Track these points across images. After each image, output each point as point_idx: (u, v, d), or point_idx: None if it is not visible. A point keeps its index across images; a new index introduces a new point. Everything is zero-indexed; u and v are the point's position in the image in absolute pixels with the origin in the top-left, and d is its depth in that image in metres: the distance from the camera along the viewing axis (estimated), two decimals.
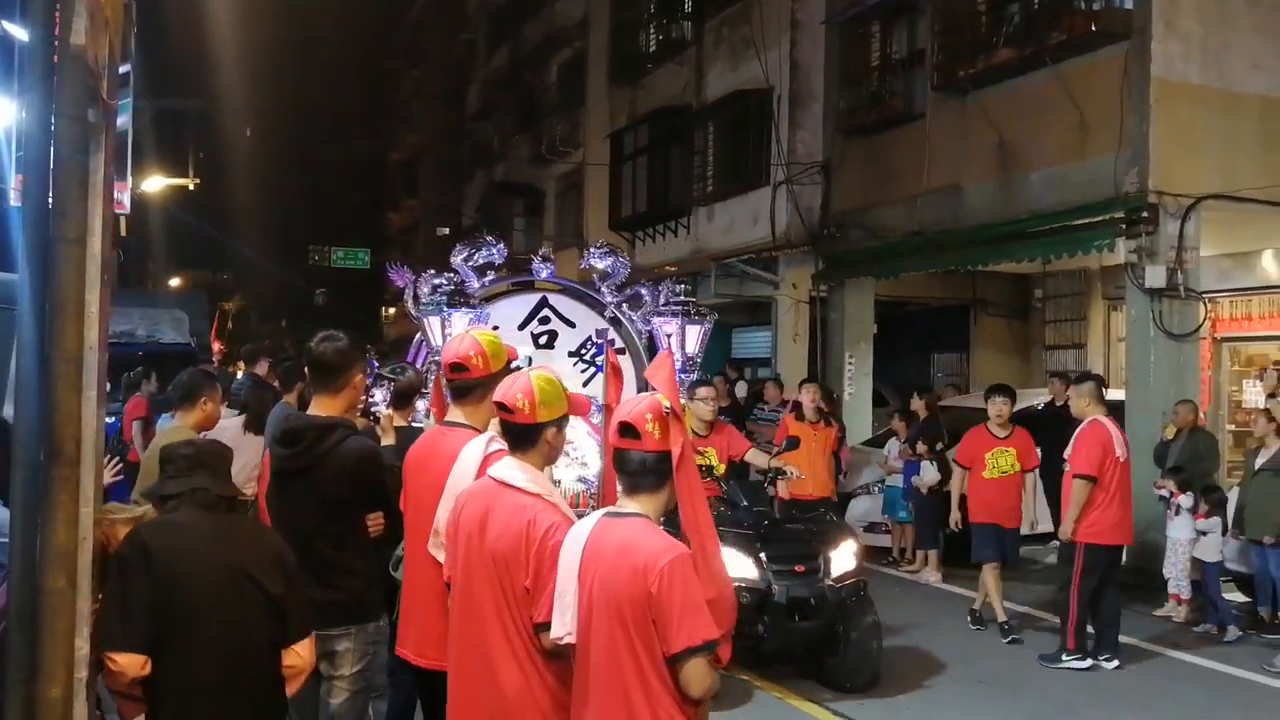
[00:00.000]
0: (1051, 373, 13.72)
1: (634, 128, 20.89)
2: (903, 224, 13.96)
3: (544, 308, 8.22)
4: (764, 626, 6.63)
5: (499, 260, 7.93)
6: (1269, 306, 13.30)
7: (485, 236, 8.17)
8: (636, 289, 8.31)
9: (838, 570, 6.87)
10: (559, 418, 3.42)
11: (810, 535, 7.15)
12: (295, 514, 4.07)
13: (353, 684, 4.11)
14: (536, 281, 8.27)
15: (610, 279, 8.16)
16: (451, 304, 7.34)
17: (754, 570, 6.66)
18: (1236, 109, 11.08)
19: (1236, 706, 7.02)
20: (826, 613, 6.76)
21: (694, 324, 7.98)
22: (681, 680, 2.88)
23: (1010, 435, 8.78)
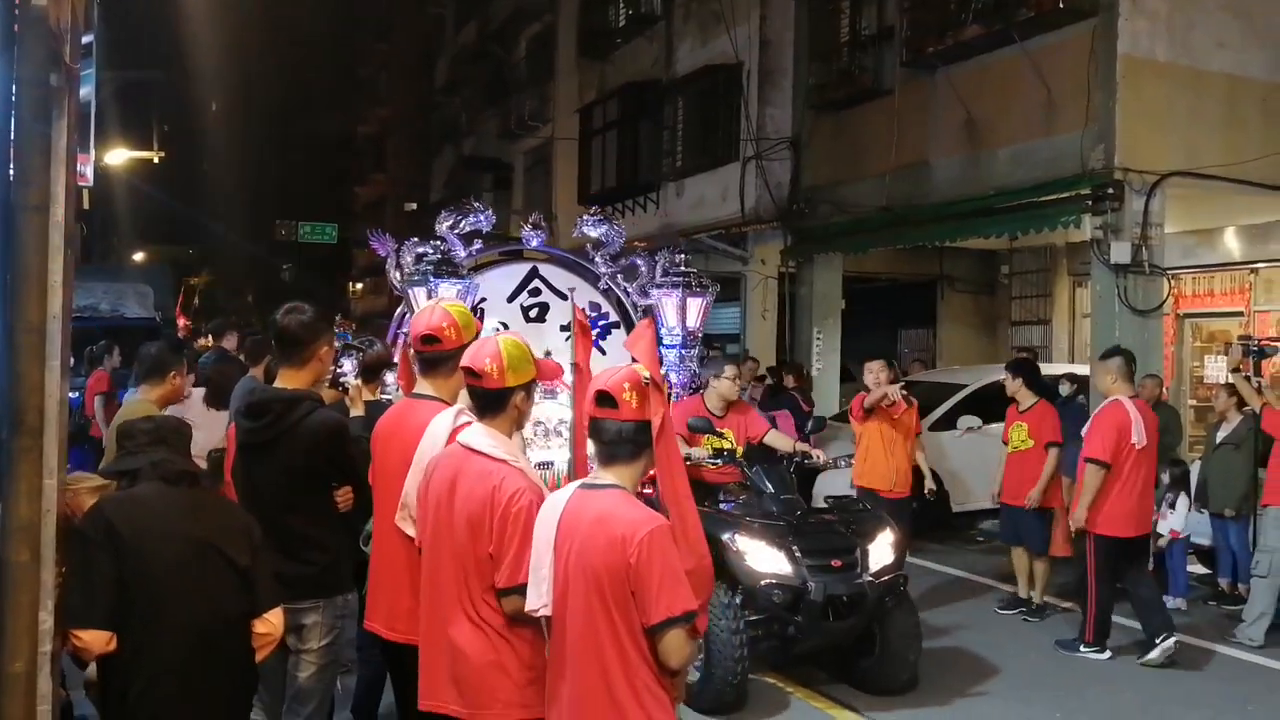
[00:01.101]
0: (1019, 348, 13.83)
1: (603, 102, 20.79)
2: (871, 200, 13.99)
3: (534, 278, 7.81)
4: (797, 626, 6.14)
5: (486, 227, 7.56)
6: (1230, 283, 13.51)
7: (472, 202, 7.76)
8: (632, 259, 7.94)
9: (876, 564, 6.29)
10: (527, 383, 3.42)
11: (846, 526, 6.53)
12: (262, 487, 4.04)
13: (321, 658, 4.09)
14: (525, 250, 7.90)
15: (604, 248, 7.79)
16: (438, 273, 6.98)
17: (787, 565, 6.11)
18: (1202, 87, 11.15)
19: (1203, 677, 7.11)
20: (865, 611, 6.19)
21: (696, 296, 7.60)
22: (660, 651, 2.89)
23: (1029, 409, 8.52)
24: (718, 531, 6.08)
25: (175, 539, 3.36)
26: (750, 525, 6.26)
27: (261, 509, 3.91)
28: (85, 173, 16.78)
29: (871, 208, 13.98)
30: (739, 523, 6.31)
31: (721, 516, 6.41)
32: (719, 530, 6.11)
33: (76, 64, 2.90)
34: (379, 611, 3.92)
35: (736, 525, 6.28)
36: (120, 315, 15.89)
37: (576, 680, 2.97)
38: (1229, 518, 8.65)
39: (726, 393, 7.34)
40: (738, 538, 6.16)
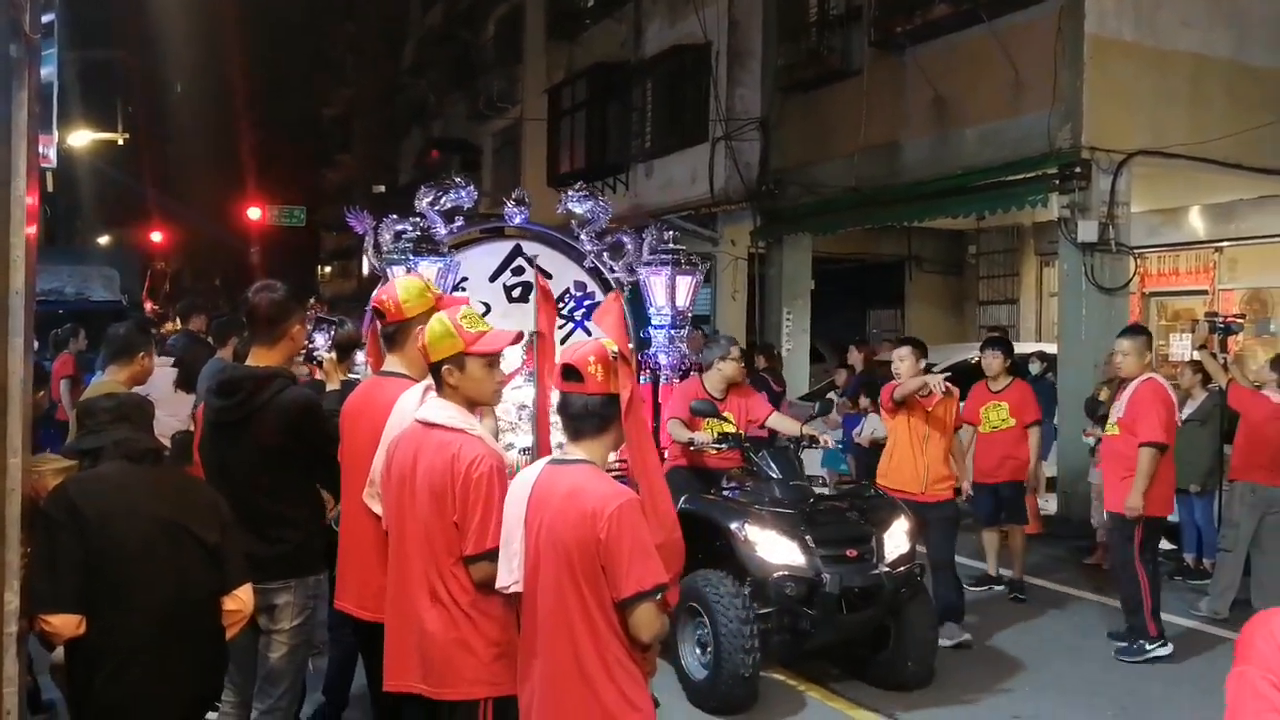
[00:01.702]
0: (990, 328, 13.91)
1: (572, 83, 20.71)
2: (840, 180, 14.03)
3: (517, 256, 7.51)
4: (811, 620, 5.81)
5: (468, 203, 7.25)
6: (1195, 262, 13.65)
7: (453, 176, 7.46)
8: (618, 236, 7.66)
9: (892, 553, 5.97)
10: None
11: (859, 513, 6.19)
12: (234, 466, 4.00)
13: (292, 638, 4.07)
14: (507, 228, 7.62)
15: (589, 225, 7.50)
16: (418, 251, 6.73)
17: (800, 556, 5.78)
18: (1168, 66, 11.24)
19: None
20: (882, 603, 5.89)
21: (685, 274, 7.33)
22: (631, 625, 2.89)
23: (1005, 389, 8.25)
24: (725, 520, 5.95)
25: (141, 517, 3.32)
26: (760, 514, 5.94)
27: (233, 488, 3.88)
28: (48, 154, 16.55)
29: (840, 188, 14.02)
30: (748, 511, 5.98)
31: (729, 505, 6.14)
32: (726, 519, 5.96)
33: (37, 35, 2.86)
34: (349, 591, 3.90)
35: (745, 514, 5.95)
36: (85, 299, 15.73)
37: (548, 655, 2.97)
38: (1194, 493, 8.75)
39: (732, 374, 6.89)
40: (747, 527, 5.86)
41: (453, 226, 7.19)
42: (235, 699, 4.13)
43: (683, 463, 6.74)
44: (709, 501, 6.24)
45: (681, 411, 6.62)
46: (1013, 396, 8.19)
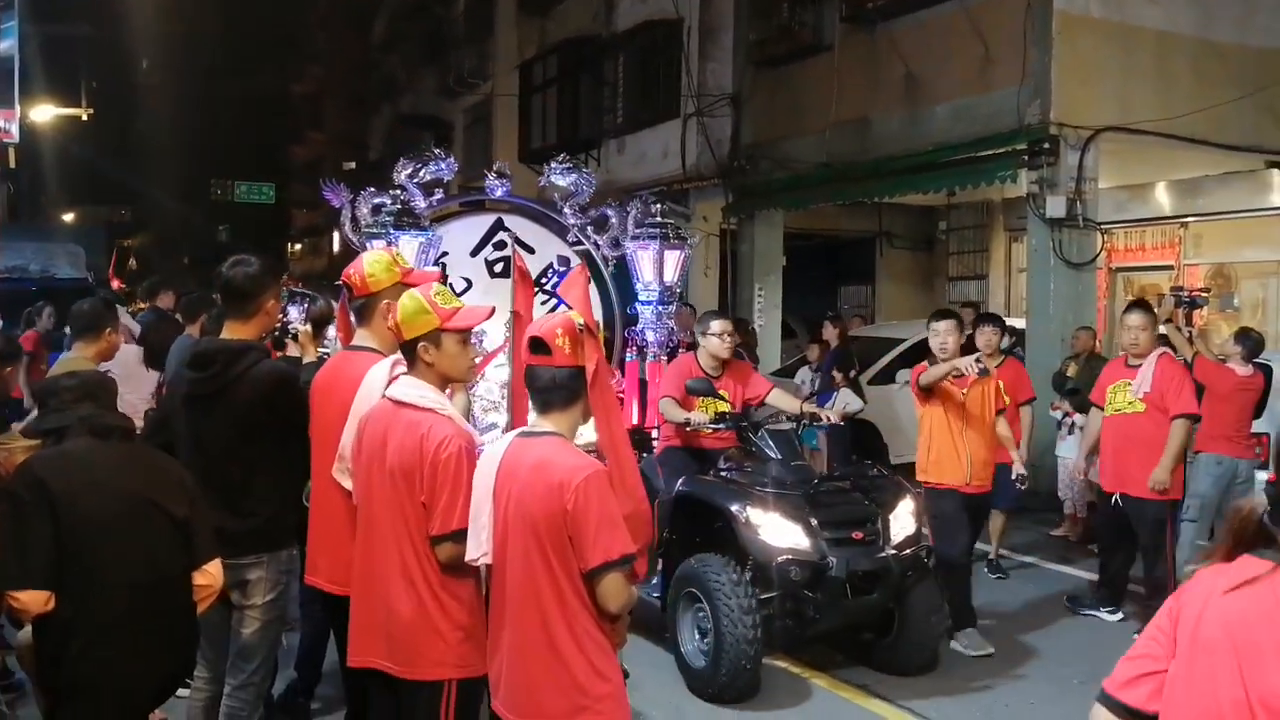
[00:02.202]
0: (965, 303, 13.99)
1: (543, 59, 20.60)
2: (812, 156, 14.05)
3: (499, 230, 7.23)
4: (816, 605, 5.57)
5: (449, 176, 7.01)
6: (1161, 237, 13.78)
7: (433, 148, 7.20)
8: (603, 210, 7.43)
9: (898, 535, 5.77)
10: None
11: (863, 494, 5.95)
12: (207, 440, 3.98)
13: (266, 613, 4.06)
14: (487, 201, 7.36)
15: (574, 198, 7.28)
16: (398, 225, 6.48)
17: (805, 539, 5.55)
18: (1134, 43, 11.31)
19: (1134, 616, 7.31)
20: (888, 587, 5.67)
21: (673, 249, 7.08)
22: (599, 595, 2.90)
23: (999, 367, 7.69)
24: (726, 503, 5.73)
25: (110, 493, 3.31)
26: (762, 496, 5.68)
27: (206, 461, 3.88)
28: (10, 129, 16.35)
29: (812, 164, 14.04)
30: (749, 493, 5.72)
31: (729, 486, 5.87)
32: (727, 501, 5.73)
33: None
34: (321, 565, 3.90)
35: (747, 496, 5.69)
36: (51, 276, 15.55)
37: (517, 627, 2.99)
38: None
39: (717, 351, 6.45)
40: (749, 510, 5.61)
41: (432, 200, 6.96)
42: (207, 675, 4.13)
43: (676, 443, 6.50)
44: (707, 483, 6.02)
45: (675, 390, 6.33)
46: (1006, 375, 7.63)
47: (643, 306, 7.25)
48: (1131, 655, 1.96)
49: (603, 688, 2.95)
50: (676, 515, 6.06)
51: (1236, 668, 1.76)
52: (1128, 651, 1.98)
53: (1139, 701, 1.89)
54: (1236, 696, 1.75)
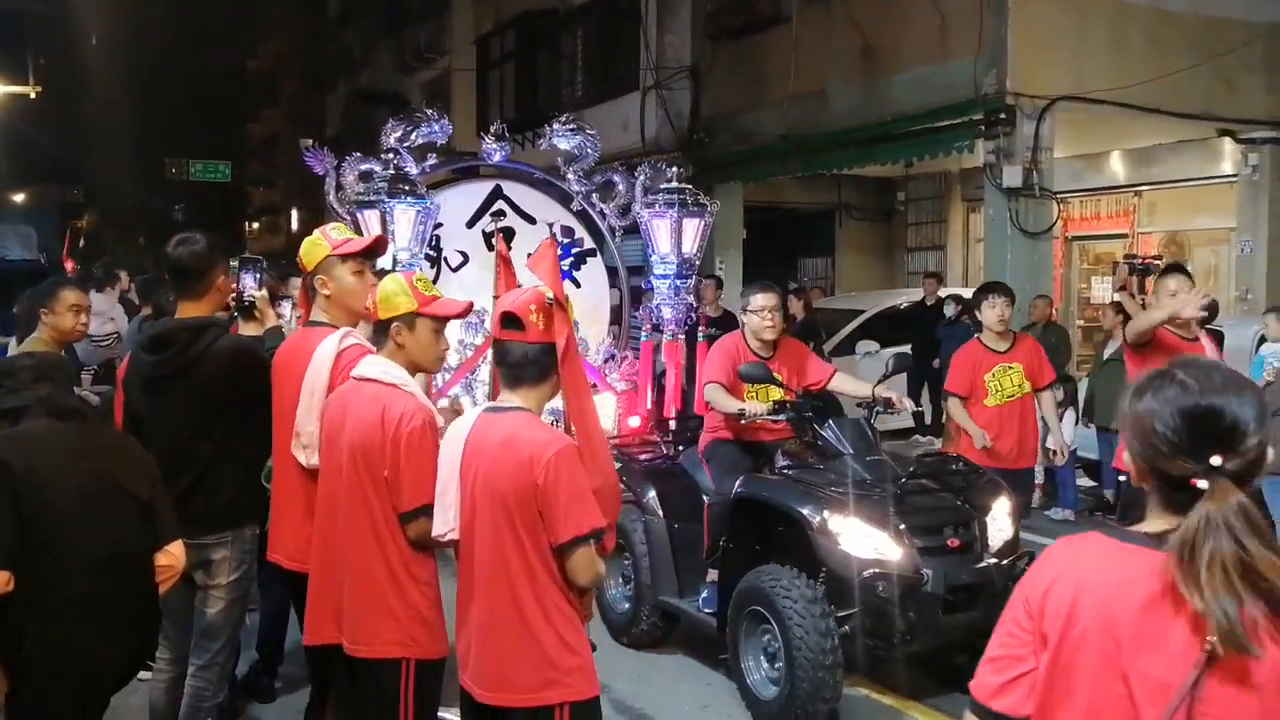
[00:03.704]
0: (926, 274, 14.07)
1: (500, 33, 20.44)
2: (771, 128, 14.05)
3: (497, 199, 6.90)
4: (908, 624, 4.76)
5: (442, 139, 6.63)
6: (1116, 206, 13.94)
7: (424, 109, 6.80)
8: (608, 174, 7.01)
9: (997, 540, 5.02)
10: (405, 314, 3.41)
11: (955, 493, 5.18)
12: (169, 420, 3.94)
13: (229, 592, 4.04)
14: (481, 167, 6.97)
15: (577, 162, 6.88)
16: (393, 193, 6.08)
17: (894, 549, 4.73)
18: (1088, 11, 11.38)
19: None
20: (990, 601, 4.75)
21: (693, 216, 6.47)
22: (569, 570, 2.90)
23: (1013, 347, 6.49)
24: (797, 506, 4.92)
25: (72, 473, 3.28)
26: (840, 498, 4.86)
27: (169, 442, 3.85)
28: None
29: (771, 136, 14.05)
30: (824, 495, 4.90)
31: (799, 487, 5.05)
32: (799, 504, 4.92)
33: None
34: (283, 542, 3.88)
35: (822, 498, 4.88)
36: (1, 258, 15.29)
37: (485, 602, 2.99)
38: (1114, 431, 8.99)
39: (759, 329, 5.60)
40: (826, 514, 4.79)
41: (425, 166, 6.60)
42: (170, 655, 4.11)
43: (725, 435, 5.69)
44: (772, 484, 5.21)
45: (722, 375, 5.53)
46: (1024, 355, 6.47)
47: (658, 281, 6.78)
48: (992, 656, 1.88)
49: (572, 660, 2.96)
50: (734, 520, 5.28)
51: (1114, 659, 1.71)
52: (986, 651, 1.89)
53: (1014, 708, 1.81)
54: (1117, 690, 1.70)
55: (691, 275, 6.79)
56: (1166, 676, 1.66)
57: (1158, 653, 1.68)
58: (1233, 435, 1.73)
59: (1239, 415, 1.73)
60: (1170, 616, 1.68)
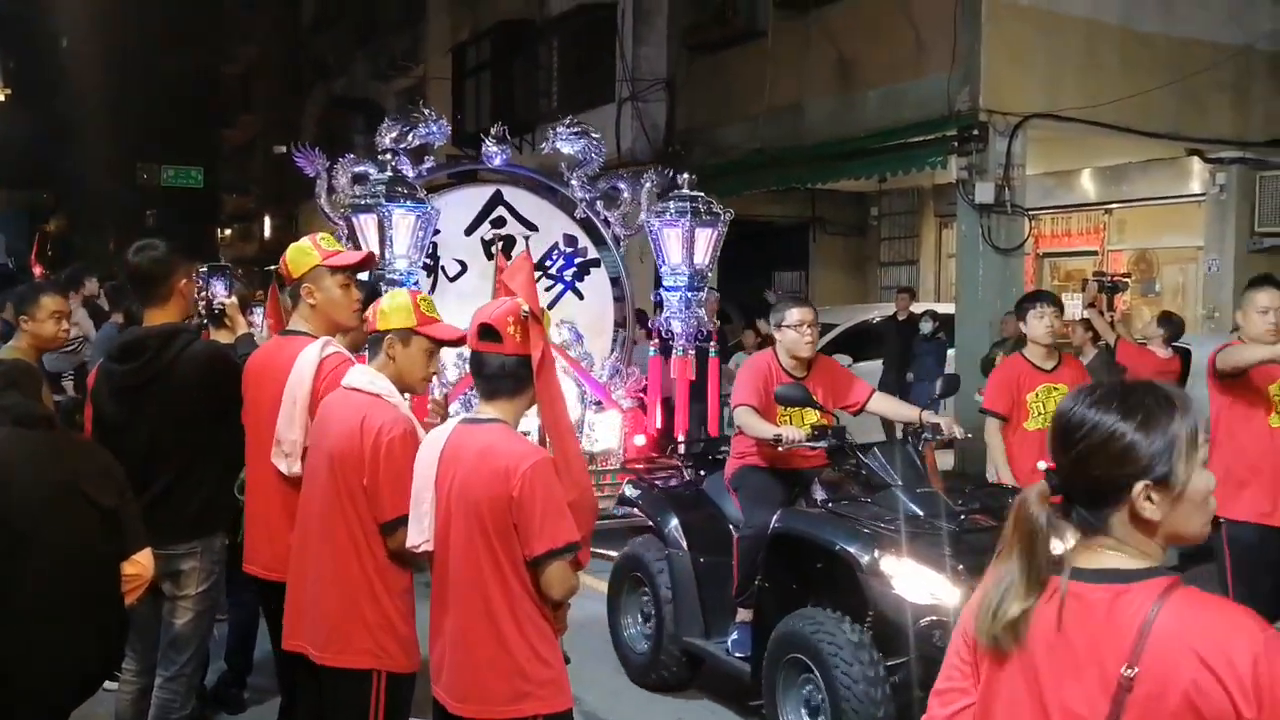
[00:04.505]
0: (899, 289, 14.16)
1: (476, 42, 20.43)
2: (746, 142, 14.11)
3: (498, 205, 6.66)
4: None
5: (440, 140, 6.39)
6: (1086, 223, 14.07)
7: (422, 108, 6.45)
8: (613, 181, 6.77)
9: None
10: (401, 329, 3.42)
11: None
12: (140, 429, 3.91)
13: (198, 603, 4.02)
14: (480, 171, 6.73)
15: (582, 167, 6.64)
16: (391, 196, 5.76)
17: (953, 593, 4.21)
18: (1062, 30, 11.50)
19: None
20: None
21: (705, 226, 6.31)
22: (543, 583, 2.91)
23: (1059, 365, 5.81)
24: (844, 544, 4.47)
25: (37, 482, 3.25)
26: (892, 536, 4.41)
27: (140, 451, 3.82)
28: None
29: (746, 149, 14.10)
30: (874, 532, 4.45)
31: (844, 522, 4.61)
32: (846, 542, 4.47)
33: None
34: (260, 553, 3.86)
35: (871, 536, 4.43)
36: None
37: (459, 613, 2.99)
38: None
39: (794, 347, 5.16)
40: (877, 554, 4.34)
41: (421, 169, 6.35)
42: (136, 667, 4.07)
43: (755, 461, 5.21)
44: (813, 519, 4.79)
45: (754, 397, 5.10)
46: (1069, 376, 5.81)
47: (668, 293, 6.58)
48: (939, 689, 1.89)
49: (545, 673, 2.96)
50: (770, 557, 4.85)
51: (1036, 690, 1.72)
52: (936, 682, 1.90)
53: None
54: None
55: (703, 288, 6.62)
56: (1083, 710, 1.67)
57: (1076, 684, 1.68)
58: (1063, 442, 1.74)
59: (1071, 422, 1.75)
60: (1087, 645, 1.68)
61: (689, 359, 6.60)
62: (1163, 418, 1.71)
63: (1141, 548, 1.72)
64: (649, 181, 6.61)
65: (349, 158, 6.30)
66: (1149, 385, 1.81)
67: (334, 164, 6.33)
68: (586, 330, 7.69)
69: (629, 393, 7.69)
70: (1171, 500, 1.70)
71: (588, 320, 7.80)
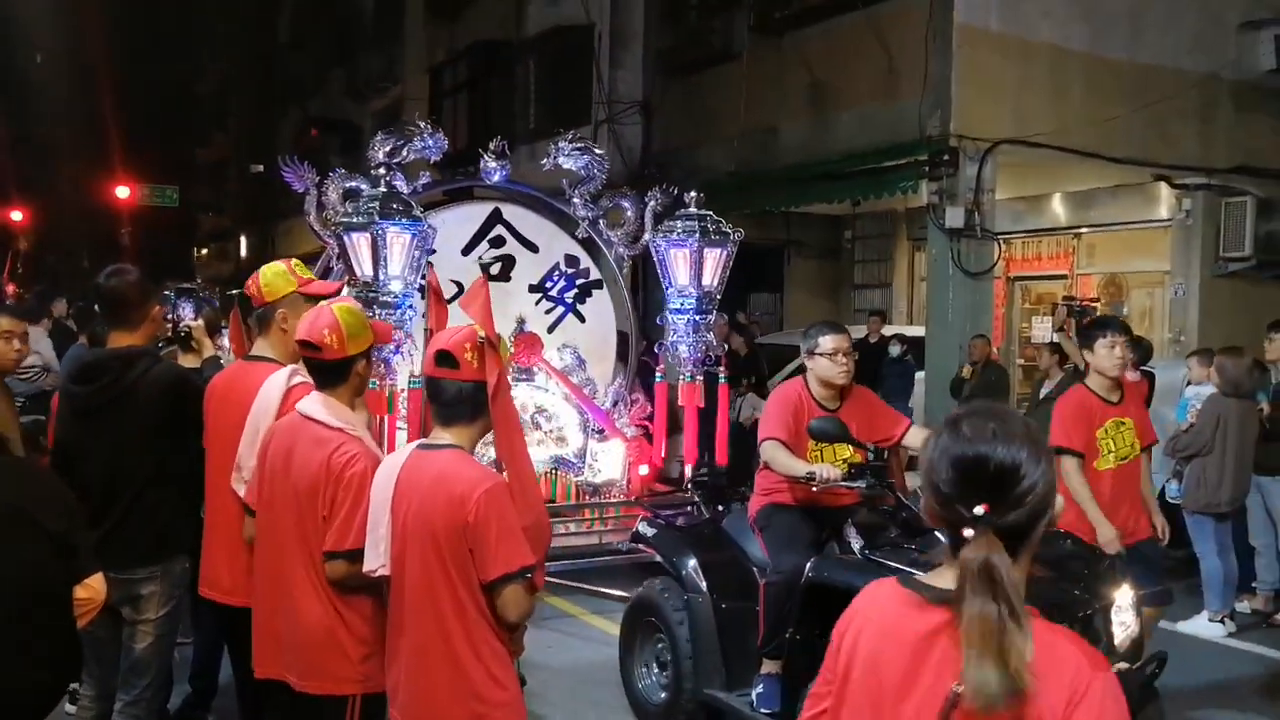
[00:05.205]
0: (870, 311, 14.23)
1: (453, 63, 20.49)
2: (721, 164, 14.18)
3: (496, 224, 6.43)
4: None
5: (436, 155, 6.09)
6: (1056, 247, 14.19)
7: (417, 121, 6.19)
8: (616, 199, 6.54)
9: (1122, 639, 4.23)
10: (367, 349, 3.43)
11: (1071, 580, 4.28)
12: (100, 451, 3.90)
13: (159, 627, 4.00)
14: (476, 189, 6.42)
15: (584, 185, 6.44)
16: (385, 213, 5.47)
17: None
18: (1030, 57, 11.64)
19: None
20: None
21: (714, 246, 6.07)
22: (499, 606, 2.91)
23: (1124, 398, 5.34)
24: None
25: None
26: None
27: (100, 472, 3.82)
28: None
29: (721, 172, 14.17)
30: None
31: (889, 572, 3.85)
32: None
33: None
34: (218, 577, 3.85)
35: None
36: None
37: (415, 636, 2.99)
38: None
39: (829, 375, 4.75)
40: None
41: (416, 185, 6.10)
42: (94, 692, 4.05)
43: (783, 499, 4.84)
44: (853, 567, 4.37)
45: (784, 431, 4.72)
46: (1135, 410, 5.42)
47: (675, 316, 6.34)
48: (811, 693, 1.95)
49: (500, 695, 2.97)
50: (803, 608, 4.52)
51: (879, 703, 1.76)
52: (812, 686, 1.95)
53: None
54: None
55: (712, 311, 6.33)
56: None
57: (914, 699, 1.72)
58: (998, 484, 1.74)
59: (1005, 463, 1.74)
60: (927, 662, 1.73)
61: (697, 385, 6.29)
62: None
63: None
64: (653, 200, 6.35)
65: (339, 172, 6.05)
66: (1021, 416, 1.88)
67: (324, 179, 6.07)
68: (588, 355, 7.37)
69: (633, 420, 7.43)
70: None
71: (590, 344, 7.47)
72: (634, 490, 7.19)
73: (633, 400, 7.56)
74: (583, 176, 6.35)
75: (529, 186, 6.67)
